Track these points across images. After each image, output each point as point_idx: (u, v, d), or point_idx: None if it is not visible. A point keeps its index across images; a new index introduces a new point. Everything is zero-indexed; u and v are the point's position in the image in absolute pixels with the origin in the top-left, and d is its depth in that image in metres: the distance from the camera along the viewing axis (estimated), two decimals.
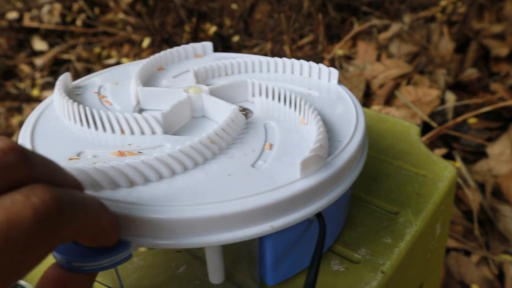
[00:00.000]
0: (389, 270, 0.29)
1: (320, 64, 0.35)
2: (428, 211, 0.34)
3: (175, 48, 0.40)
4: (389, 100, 1.16)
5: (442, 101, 1.13)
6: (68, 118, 0.30)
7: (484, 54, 1.36)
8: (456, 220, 0.93)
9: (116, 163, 0.22)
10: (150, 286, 0.28)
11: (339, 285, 0.28)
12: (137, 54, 1.56)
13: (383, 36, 1.38)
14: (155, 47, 1.54)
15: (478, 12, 1.47)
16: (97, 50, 1.62)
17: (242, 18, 1.61)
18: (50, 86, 1.49)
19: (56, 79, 0.34)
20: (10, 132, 1.36)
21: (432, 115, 1.10)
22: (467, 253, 0.90)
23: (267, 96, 0.33)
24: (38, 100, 1.40)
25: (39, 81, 1.51)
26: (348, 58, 1.41)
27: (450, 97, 1.13)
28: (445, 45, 1.34)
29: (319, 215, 0.25)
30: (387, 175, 0.38)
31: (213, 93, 0.31)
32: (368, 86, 1.21)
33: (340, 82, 0.35)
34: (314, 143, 0.24)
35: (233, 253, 0.28)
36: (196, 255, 0.30)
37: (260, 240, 0.25)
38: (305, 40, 1.50)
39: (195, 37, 1.57)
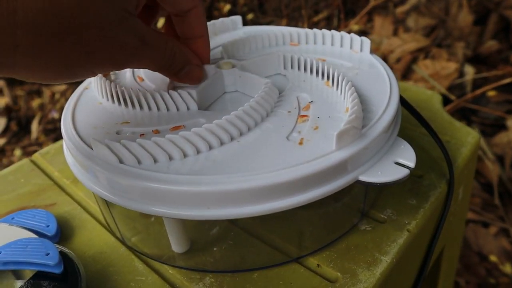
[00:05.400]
0: (415, 229, 0.30)
1: (352, 34, 0.35)
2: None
3: None
4: (407, 74, 1.15)
5: (461, 74, 1.12)
6: (106, 98, 0.31)
7: (504, 26, 1.33)
8: (475, 192, 0.93)
9: (156, 139, 0.24)
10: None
11: (366, 243, 0.29)
12: None
13: (400, 9, 1.36)
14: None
15: None
16: None
17: None
18: None
19: None
20: (31, 114, 1.39)
21: (450, 89, 1.09)
22: (485, 225, 0.91)
23: (298, 68, 0.33)
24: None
25: None
26: (364, 33, 1.40)
27: (469, 70, 1.11)
28: (464, 17, 1.31)
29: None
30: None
31: (244, 67, 0.32)
32: (385, 61, 1.20)
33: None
34: (349, 114, 0.25)
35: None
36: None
37: None
38: (320, 16, 1.48)
39: (210, 16, 1.57)
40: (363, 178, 0.25)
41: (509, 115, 1.02)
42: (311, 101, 0.29)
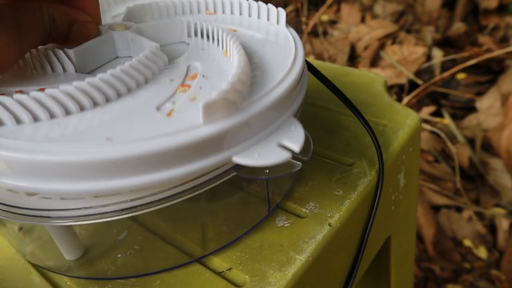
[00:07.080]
0: (337, 223, 0.27)
1: (269, 4, 0.33)
2: (386, 160, 0.33)
3: None
4: (375, 62, 1.13)
5: (429, 58, 1.10)
6: None
7: (473, 8, 1.32)
8: (446, 177, 0.92)
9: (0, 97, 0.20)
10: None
11: (282, 241, 0.26)
12: None
13: None
14: None
15: None
16: None
17: None
18: None
19: None
20: None
21: (418, 73, 1.07)
22: (459, 210, 0.89)
23: (202, 36, 0.30)
24: None
25: None
26: (333, 22, 1.38)
27: (437, 53, 1.10)
28: (432, 1, 1.30)
29: None
30: (345, 128, 0.37)
31: (141, 31, 0.29)
32: (353, 49, 1.18)
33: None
34: (226, 85, 0.21)
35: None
36: (137, 221, 0.29)
37: None
38: (290, 8, 1.46)
39: None
40: (238, 159, 0.22)
41: (478, 96, 1.01)
42: (199, 71, 0.26)
